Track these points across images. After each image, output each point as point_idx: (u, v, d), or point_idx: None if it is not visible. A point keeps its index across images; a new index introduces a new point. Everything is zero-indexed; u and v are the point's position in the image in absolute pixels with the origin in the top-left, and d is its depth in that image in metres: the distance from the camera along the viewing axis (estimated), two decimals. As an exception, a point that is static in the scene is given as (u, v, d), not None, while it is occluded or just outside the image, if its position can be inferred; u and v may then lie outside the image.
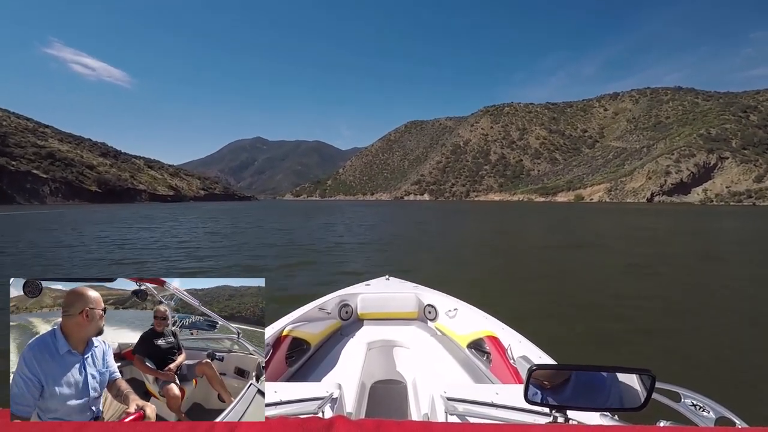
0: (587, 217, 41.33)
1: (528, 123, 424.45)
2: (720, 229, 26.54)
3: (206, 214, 49.34)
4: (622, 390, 0.98)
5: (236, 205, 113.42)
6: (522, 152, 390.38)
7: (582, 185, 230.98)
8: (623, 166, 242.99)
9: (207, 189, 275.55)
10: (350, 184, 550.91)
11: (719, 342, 4.99)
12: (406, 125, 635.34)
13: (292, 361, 2.38)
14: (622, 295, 7.36)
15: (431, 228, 25.59)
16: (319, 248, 14.55)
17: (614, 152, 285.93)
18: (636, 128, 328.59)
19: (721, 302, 6.99)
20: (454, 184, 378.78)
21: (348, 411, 1.69)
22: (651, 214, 51.42)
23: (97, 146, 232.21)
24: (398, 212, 54.57)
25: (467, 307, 2.94)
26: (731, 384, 3.83)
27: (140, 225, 27.78)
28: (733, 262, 12.19)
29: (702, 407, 1.03)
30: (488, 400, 1.37)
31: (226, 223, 30.95)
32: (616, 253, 13.70)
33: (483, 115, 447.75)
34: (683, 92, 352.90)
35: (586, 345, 4.88)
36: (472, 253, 14.19)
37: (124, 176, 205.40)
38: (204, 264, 11.12)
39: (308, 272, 9.83)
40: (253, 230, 23.66)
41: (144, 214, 46.46)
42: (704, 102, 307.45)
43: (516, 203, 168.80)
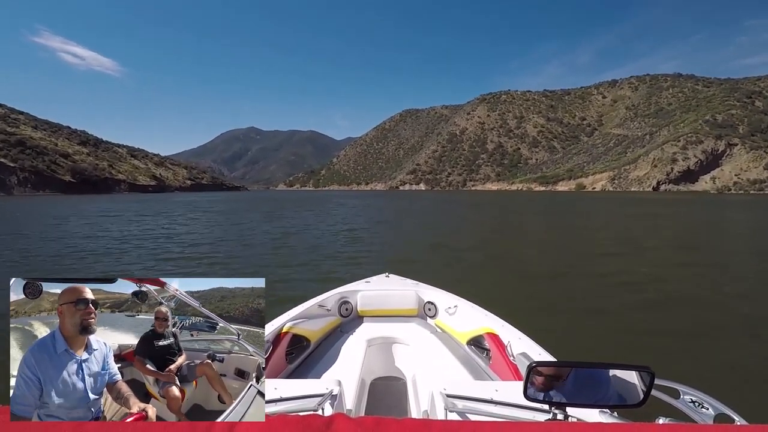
0: (604, 210, 36.02)
1: (525, 111, 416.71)
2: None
3: (170, 208, 42.34)
4: (621, 387, 0.98)
5: (218, 196, 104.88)
6: (519, 141, 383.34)
7: (583, 174, 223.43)
8: (625, 153, 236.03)
9: (194, 179, 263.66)
10: (344, 174, 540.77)
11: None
12: (401, 114, 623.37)
13: (292, 358, 2.39)
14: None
15: (459, 243, 14.24)
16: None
17: (615, 140, 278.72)
18: (636, 115, 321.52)
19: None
20: (450, 174, 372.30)
21: (348, 408, 1.68)
22: (669, 204, 46.69)
23: (76, 134, 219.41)
24: (396, 205, 47.48)
25: (467, 305, 2.95)
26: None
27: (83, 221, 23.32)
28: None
29: (701, 404, 1.02)
30: (488, 396, 1.38)
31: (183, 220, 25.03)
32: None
33: (479, 103, 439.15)
34: (683, 79, 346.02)
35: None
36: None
37: (101, 165, 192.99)
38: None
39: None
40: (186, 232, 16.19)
41: (106, 209, 39.02)
42: (704, 88, 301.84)
43: (515, 193, 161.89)
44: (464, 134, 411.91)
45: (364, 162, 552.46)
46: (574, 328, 5.23)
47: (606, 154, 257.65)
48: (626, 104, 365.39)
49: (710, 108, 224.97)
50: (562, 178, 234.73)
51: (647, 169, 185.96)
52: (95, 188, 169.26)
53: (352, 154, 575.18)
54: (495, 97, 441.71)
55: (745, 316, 5.85)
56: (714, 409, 1.00)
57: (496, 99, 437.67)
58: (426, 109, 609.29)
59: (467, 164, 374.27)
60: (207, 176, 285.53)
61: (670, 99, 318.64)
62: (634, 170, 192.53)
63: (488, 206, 44.43)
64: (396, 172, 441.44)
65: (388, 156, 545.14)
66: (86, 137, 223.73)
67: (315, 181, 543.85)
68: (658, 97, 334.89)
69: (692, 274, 8.78)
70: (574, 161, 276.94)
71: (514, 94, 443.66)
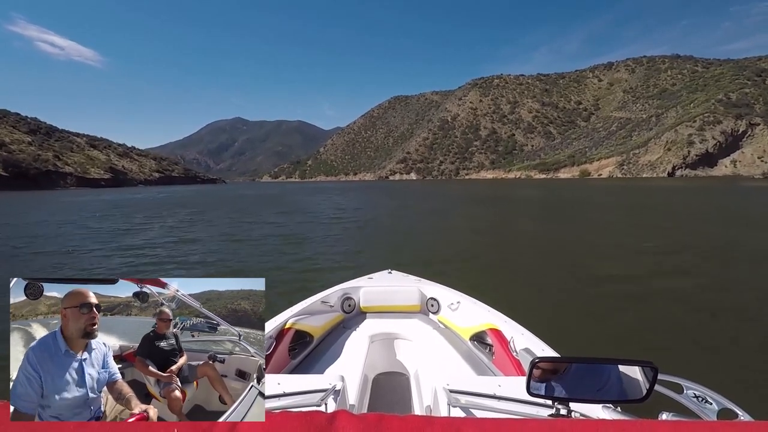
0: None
1: (519, 96, 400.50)
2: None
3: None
4: (624, 382, 0.97)
5: (182, 191, 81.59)
6: (514, 126, 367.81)
7: (587, 159, 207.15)
8: (630, 137, 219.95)
9: (163, 171, 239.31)
10: (332, 164, 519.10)
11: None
12: (390, 101, 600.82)
13: (295, 354, 2.40)
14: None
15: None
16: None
17: (617, 123, 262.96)
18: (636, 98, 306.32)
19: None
20: (443, 162, 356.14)
21: (351, 403, 1.69)
22: (704, 192, 37.19)
23: (25, 122, 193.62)
24: (388, 204, 33.05)
25: (470, 300, 2.94)
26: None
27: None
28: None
29: (705, 399, 1.01)
30: (491, 392, 1.38)
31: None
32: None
33: (471, 88, 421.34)
34: (681, 60, 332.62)
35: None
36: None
37: (44, 156, 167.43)
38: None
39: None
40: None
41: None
42: (704, 69, 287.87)
43: (514, 182, 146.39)
44: (456, 120, 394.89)
45: (352, 151, 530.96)
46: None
47: (608, 138, 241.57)
48: (623, 87, 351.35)
49: (720, 87, 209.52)
50: (564, 165, 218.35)
51: (659, 153, 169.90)
52: (36, 183, 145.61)
53: (339, 143, 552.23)
54: (487, 81, 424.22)
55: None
56: (718, 404, 0.99)
57: (489, 83, 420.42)
58: (416, 95, 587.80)
59: (460, 152, 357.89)
60: (179, 168, 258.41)
61: (669, 80, 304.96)
62: (645, 154, 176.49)
63: (492, 203, 31.99)
64: (385, 161, 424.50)
65: (377, 144, 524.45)
66: (37, 125, 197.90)
67: (301, 172, 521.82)
68: (657, 78, 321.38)
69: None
70: (574, 146, 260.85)
71: (507, 78, 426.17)
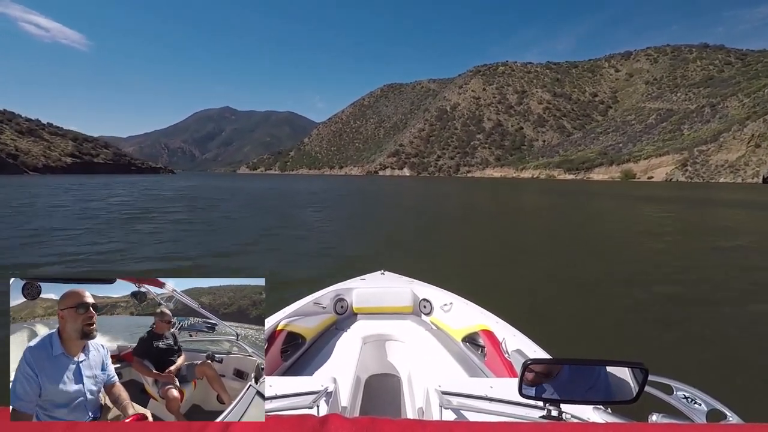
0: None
1: (527, 85, 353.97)
2: None
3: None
4: (615, 383, 0.98)
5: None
6: (522, 119, 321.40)
7: (631, 158, 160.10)
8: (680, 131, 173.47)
9: (81, 156, 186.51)
10: (316, 156, 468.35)
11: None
12: (383, 88, 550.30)
13: (287, 356, 2.38)
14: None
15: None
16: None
17: (656, 115, 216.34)
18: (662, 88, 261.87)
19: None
20: (441, 157, 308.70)
21: (343, 405, 1.69)
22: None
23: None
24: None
25: (462, 302, 2.95)
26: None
27: None
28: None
29: (694, 400, 1.03)
30: (483, 393, 1.38)
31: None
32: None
33: (473, 75, 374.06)
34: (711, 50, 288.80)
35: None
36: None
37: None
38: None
39: None
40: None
41: None
42: (737, 60, 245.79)
43: (532, 183, 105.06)
44: (456, 110, 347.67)
45: (339, 142, 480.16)
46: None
47: (648, 132, 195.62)
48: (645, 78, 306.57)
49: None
50: (597, 164, 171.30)
51: (741, 151, 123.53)
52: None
53: (325, 134, 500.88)
54: (491, 68, 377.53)
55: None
56: (707, 405, 1.00)
57: (493, 71, 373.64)
58: (411, 83, 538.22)
59: (461, 146, 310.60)
60: (108, 153, 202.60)
61: (699, 71, 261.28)
62: (717, 152, 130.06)
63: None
64: (375, 154, 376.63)
65: (367, 135, 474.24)
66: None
67: (282, 164, 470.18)
68: (684, 69, 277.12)
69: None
70: (602, 142, 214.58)
71: (513, 65, 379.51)
